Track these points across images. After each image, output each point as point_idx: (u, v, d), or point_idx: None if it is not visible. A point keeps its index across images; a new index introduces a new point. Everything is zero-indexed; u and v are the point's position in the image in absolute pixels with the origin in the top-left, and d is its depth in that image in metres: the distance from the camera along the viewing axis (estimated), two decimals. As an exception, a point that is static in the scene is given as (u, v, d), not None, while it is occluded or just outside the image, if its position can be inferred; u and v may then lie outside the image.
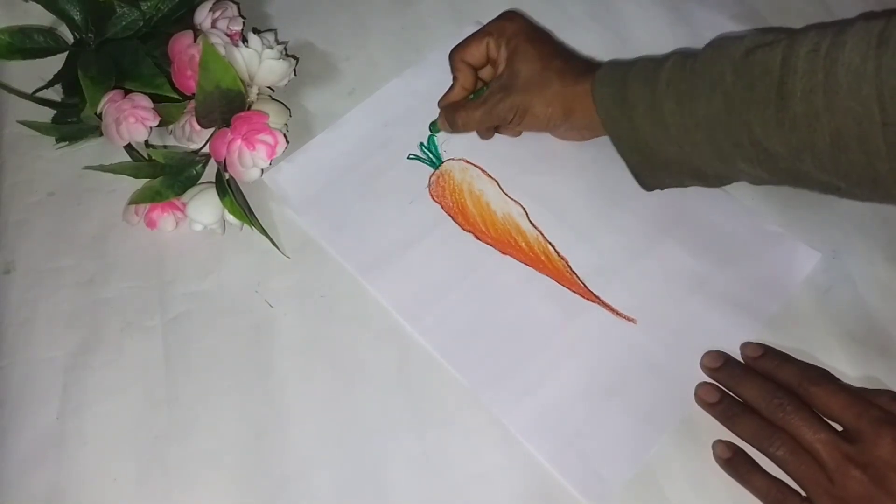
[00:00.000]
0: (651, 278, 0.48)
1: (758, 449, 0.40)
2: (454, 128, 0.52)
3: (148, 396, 0.44)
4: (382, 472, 0.42)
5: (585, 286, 0.47)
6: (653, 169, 0.47)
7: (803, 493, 0.39)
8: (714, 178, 0.46)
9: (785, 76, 0.39)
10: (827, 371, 0.42)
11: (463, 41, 0.51)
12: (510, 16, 0.51)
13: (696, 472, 0.41)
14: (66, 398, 0.44)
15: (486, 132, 0.53)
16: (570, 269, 0.48)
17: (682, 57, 0.44)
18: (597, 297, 0.47)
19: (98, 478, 0.42)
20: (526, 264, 0.48)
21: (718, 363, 0.44)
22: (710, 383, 0.44)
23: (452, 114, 0.51)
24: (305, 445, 0.43)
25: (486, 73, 0.52)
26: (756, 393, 0.41)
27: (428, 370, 0.45)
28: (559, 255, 0.49)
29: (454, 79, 0.52)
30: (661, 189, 0.49)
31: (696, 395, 0.43)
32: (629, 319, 0.46)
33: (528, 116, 0.49)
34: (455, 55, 0.51)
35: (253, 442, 0.43)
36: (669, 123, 0.43)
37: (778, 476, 0.40)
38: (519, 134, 0.53)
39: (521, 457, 0.42)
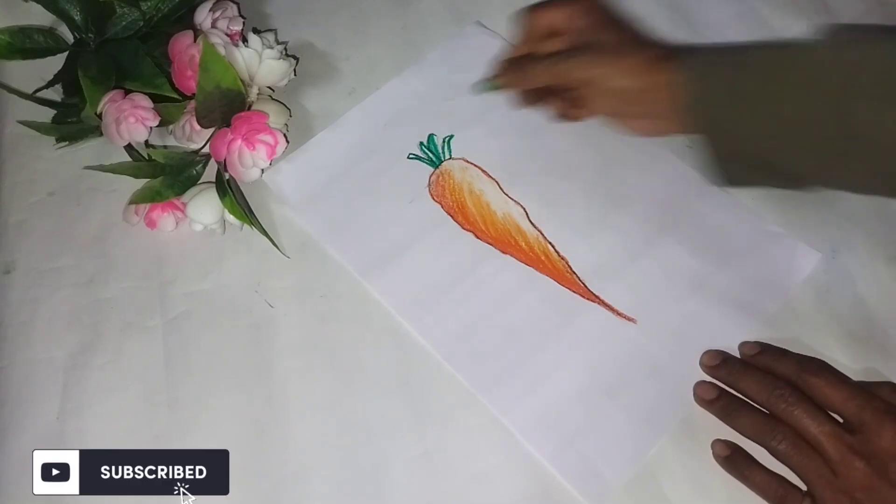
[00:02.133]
0: (651, 278, 0.48)
1: (759, 443, 0.40)
2: (521, 77, 0.49)
3: (148, 396, 0.44)
4: (382, 472, 0.42)
5: (585, 286, 0.47)
6: (739, 162, 0.45)
7: (804, 489, 0.39)
8: (803, 181, 0.44)
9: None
10: (825, 362, 0.42)
11: (542, 2, 0.49)
12: None
13: (696, 472, 0.41)
14: (66, 398, 0.44)
15: (540, 100, 0.50)
16: (570, 269, 0.48)
17: (778, 49, 0.43)
18: (597, 297, 0.47)
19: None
20: (526, 264, 0.48)
21: (717, 361, 0.44)
22: (708, 381, 0.44)
23: (518, 64, 0.49)
24: (305, 445, 0.43)
25: (545, 46, 0.49)
26: (756, 387, 0.41)
27: (428, 370, 0.45)
28: (559, 255, 0.49)
29: (522, 35, 0.50)
30: (744, 186, 0.47)
31: (694, 393, 0.43)
32: (629, 319, 0.46)
33: (602, 90, 0.46)
34: (531, 14, 0.49)
35: (253, 442, 0.43)
36: (764, 114, 0.42)
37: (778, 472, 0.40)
38: (581, 118, 0.51)
39: (521, 457, 0.42)
